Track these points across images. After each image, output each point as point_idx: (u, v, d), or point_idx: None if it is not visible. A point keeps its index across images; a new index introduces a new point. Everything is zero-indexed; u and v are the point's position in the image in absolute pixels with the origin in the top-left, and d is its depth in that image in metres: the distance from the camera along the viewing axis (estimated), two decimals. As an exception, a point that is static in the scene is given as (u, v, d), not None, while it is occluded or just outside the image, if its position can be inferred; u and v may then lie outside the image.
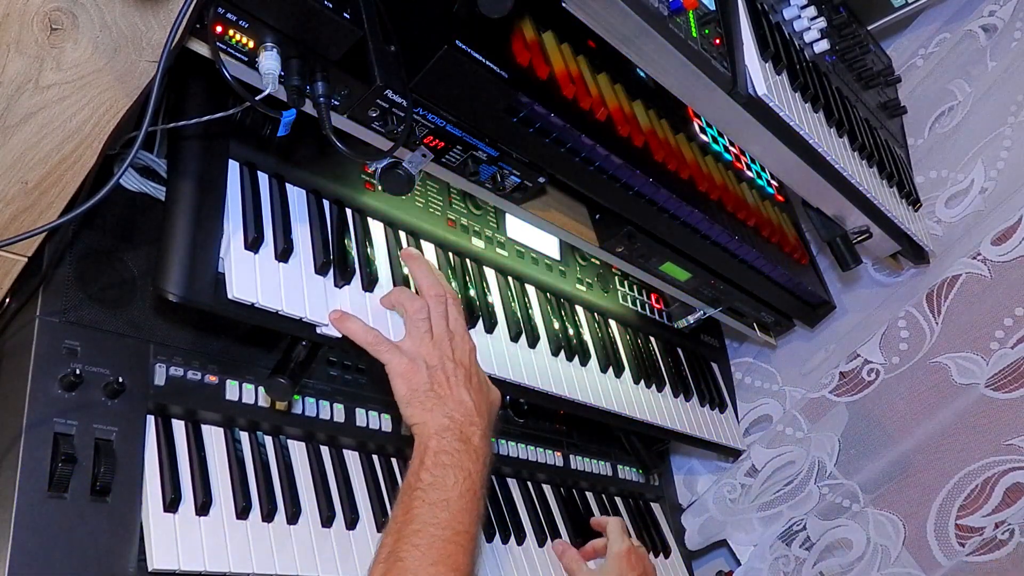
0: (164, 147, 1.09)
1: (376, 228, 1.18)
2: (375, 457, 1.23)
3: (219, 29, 0.82)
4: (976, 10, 1.72)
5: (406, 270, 1.16)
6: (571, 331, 1.42)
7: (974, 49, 1.70)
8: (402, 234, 1.22)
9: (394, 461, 1.25)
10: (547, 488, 1.50)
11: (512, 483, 1.43)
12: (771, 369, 1.87)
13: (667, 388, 1.59)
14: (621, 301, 1.59)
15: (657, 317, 1.69)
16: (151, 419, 0.99)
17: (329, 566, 1.06)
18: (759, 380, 1.88)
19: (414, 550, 0.92)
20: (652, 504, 1.74)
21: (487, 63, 0.96)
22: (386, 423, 1.23)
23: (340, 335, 1.03)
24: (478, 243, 1.31)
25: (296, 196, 1.09)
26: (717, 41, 1.14)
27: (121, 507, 0.91)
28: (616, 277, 1.60)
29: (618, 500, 1.65)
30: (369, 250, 1.13)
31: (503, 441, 1.42)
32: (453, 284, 1.22)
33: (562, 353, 1.37)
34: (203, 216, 0.95)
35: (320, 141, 0.97)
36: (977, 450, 1.52)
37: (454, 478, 0.98)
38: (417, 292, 1.11)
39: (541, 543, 1.38)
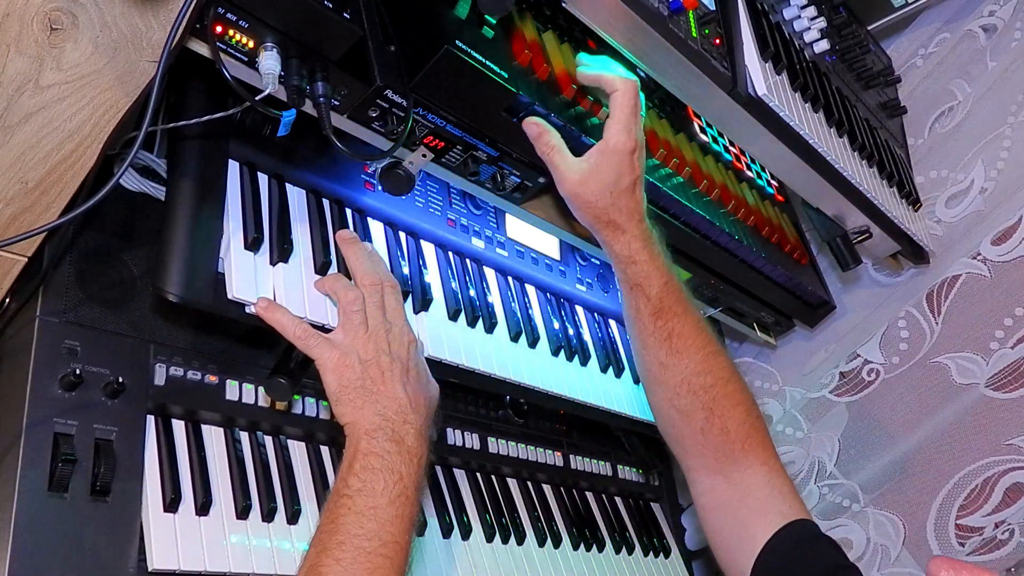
0: (164, 147, 1.09)
1: (376, 228, 1.18)
2: (375, 457, 1.22)
3: (219, 29, 0.82)
4: (976, 10, 1.72)
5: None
6: (571, 331, 1.42)
7: (974, 49, 1.70)
8: (402, 234, 1.22)
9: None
10: (547, 488, 1.50)
11: (512, 483, 1.43)
12: (771, 369, 1.87)
13: (667, 388, 1.58)
14: (621, 301, 1.59)
15: (657, 317, 1.68)
16: (151, 419, 0.99)
17: (329, 566, 1.06)
18: (759, 380, 1.88)
19: (335, 565, 0.86)
20: (652, 504, 1.74)
21: (487, 63, 0.96)
22: (386, 423, 1.23)
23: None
24: (478, 243, 1.31)
25: (296, 196, 1.09)
26: (717, 41, 1.14)
27: (121, 507, 0.91)
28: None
29: (618, 500, 1.64)
30: (369, 250, 1.13)
31: (503, 441, 1.42)
32: (453, 284, 1.22)
33: (562, 353, 1.36)
34: (203, 216, 0.95)
35: (320, 141, 0.97)
36: (977, 450, 1.52)
37: (384, 483, 0.91)
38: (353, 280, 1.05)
39: (541, 543, 1.38)
